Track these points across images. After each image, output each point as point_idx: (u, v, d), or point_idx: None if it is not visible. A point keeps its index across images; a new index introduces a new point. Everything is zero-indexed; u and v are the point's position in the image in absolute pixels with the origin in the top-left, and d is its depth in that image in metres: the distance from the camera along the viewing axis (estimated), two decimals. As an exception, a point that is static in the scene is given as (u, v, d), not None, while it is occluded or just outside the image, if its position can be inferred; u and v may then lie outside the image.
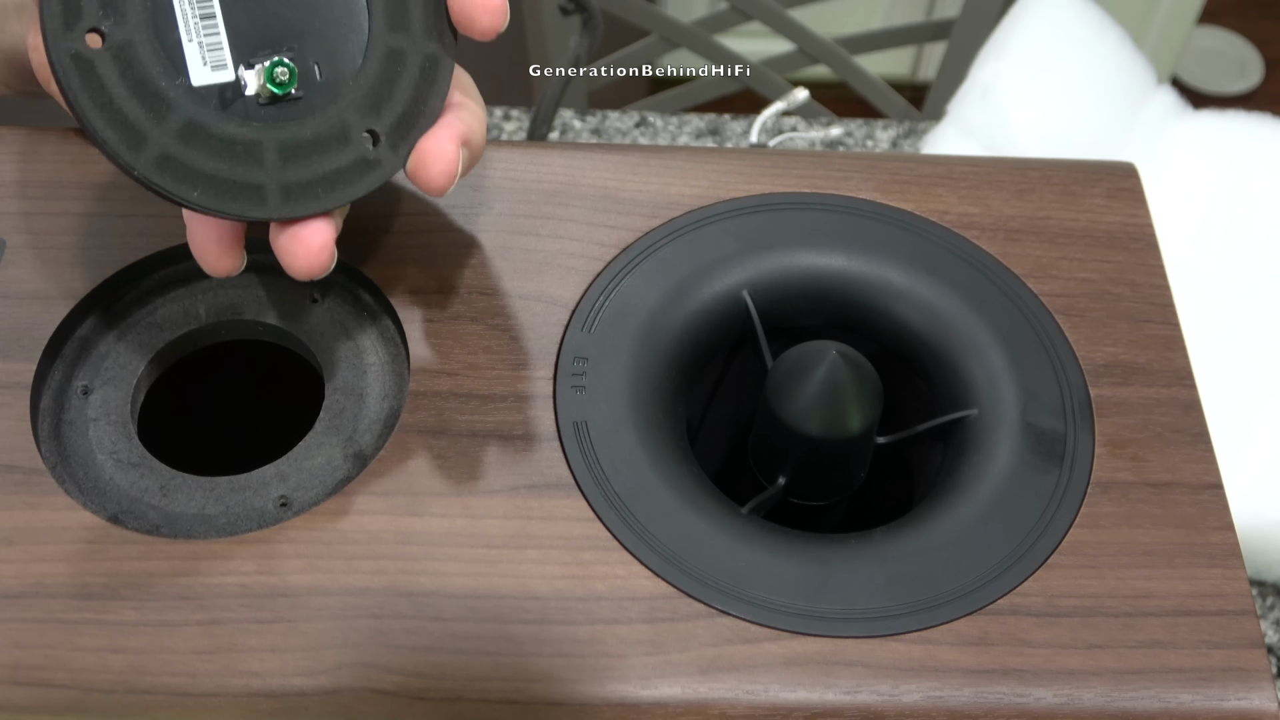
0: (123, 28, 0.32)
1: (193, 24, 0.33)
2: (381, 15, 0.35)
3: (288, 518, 0.35)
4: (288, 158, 0.34)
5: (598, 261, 0.41)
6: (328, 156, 0.34)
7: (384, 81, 0.35)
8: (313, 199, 0.34)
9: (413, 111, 0.35)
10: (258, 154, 0.34)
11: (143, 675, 0.32)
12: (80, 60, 0.32)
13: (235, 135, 0.33)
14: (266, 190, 0.34)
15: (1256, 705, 0.33)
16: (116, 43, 0.32)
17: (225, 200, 0.33)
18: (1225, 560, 0.35)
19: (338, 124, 0.35)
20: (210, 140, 0.33)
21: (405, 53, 0.35)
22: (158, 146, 0.33)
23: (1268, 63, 1.94)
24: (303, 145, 0.34)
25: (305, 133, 0.34)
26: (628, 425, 0.37)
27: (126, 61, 0.32)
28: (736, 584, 0.34)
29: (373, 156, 0.35)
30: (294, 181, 0.34)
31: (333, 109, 0.35)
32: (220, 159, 0.33)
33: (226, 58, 0.33)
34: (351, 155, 0.35)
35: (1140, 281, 0.41)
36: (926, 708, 0.33)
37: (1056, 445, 0.37)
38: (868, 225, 0.42)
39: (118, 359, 0.39)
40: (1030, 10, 0.77)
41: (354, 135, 0.35)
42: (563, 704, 0.32)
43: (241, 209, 0.33)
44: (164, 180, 0.33)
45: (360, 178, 0.35)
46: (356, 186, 0.35)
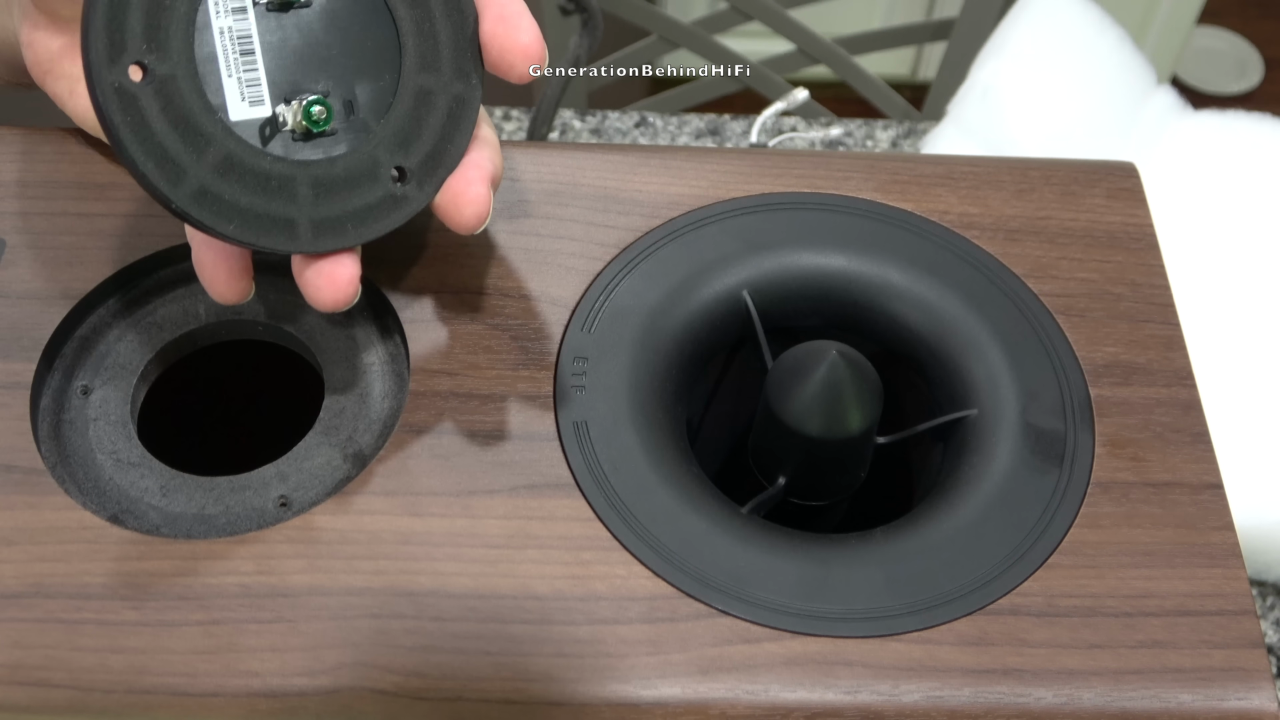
0: (165, 62, 0.33)
1: (233, 60, 0.34)
2: (413, 55, 0.35)
3: (288, 518, 0.35)
4: (320, 193, 0.34)
5: (598, 261, 0.41)
6: (358, 193, 0.35)
7: (413, 120, 0.35)
8: (342, 234, 0.35)
9: (440, 150, 0.36)
10: (291, 189, 0.34)
11: (143, 675, 0.32)
12: (123, 93, 0.32)
13: (270, 170, 0.34)
14: (298, 225, 0.34)
15: (1256, 705, 0.33)
16: (159, 77, 0.33)
17: (259, 234, 0.34)
18: (1225, 560, 0.35)
19: (368, 161, 0.35)
20: (246, 175, 0.34)
21: (434, 92, 0.36)
22: (196, 180, 0.33)
23: (1268, 63, 1.94)
24: (334, 181, 0.35)
25: (337, 169, 0.35)
26: (628, 425, 0.37)
27: (168, 96, 0.33)
28: (736, 584, 0.34)
29: (400, 193, 0.35)
30: (325, 217, 0.35)
31: (364, 146, 0.35)
32: (255, 193, 0.34)
33: (264, 94, 0.34)
34: (380, 192, 0.35)
35: (1140, 281, 0.41)
36: (926, 708, 0.33)
37: (1056, 445, 0.37)
38: (868, 225, 0.42)
39: (118, 359, 0.39)
40: (1030, 10, 0.77)
41: (383, 172, 0.35)
42: (563, 704, 0.32)
43: (274, 243, 0.34)
44: (201, 213, 0.33)
45: (388, 214, 0.35)
46: (384, 222, 0.35)
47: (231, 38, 0.33)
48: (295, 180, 0.34)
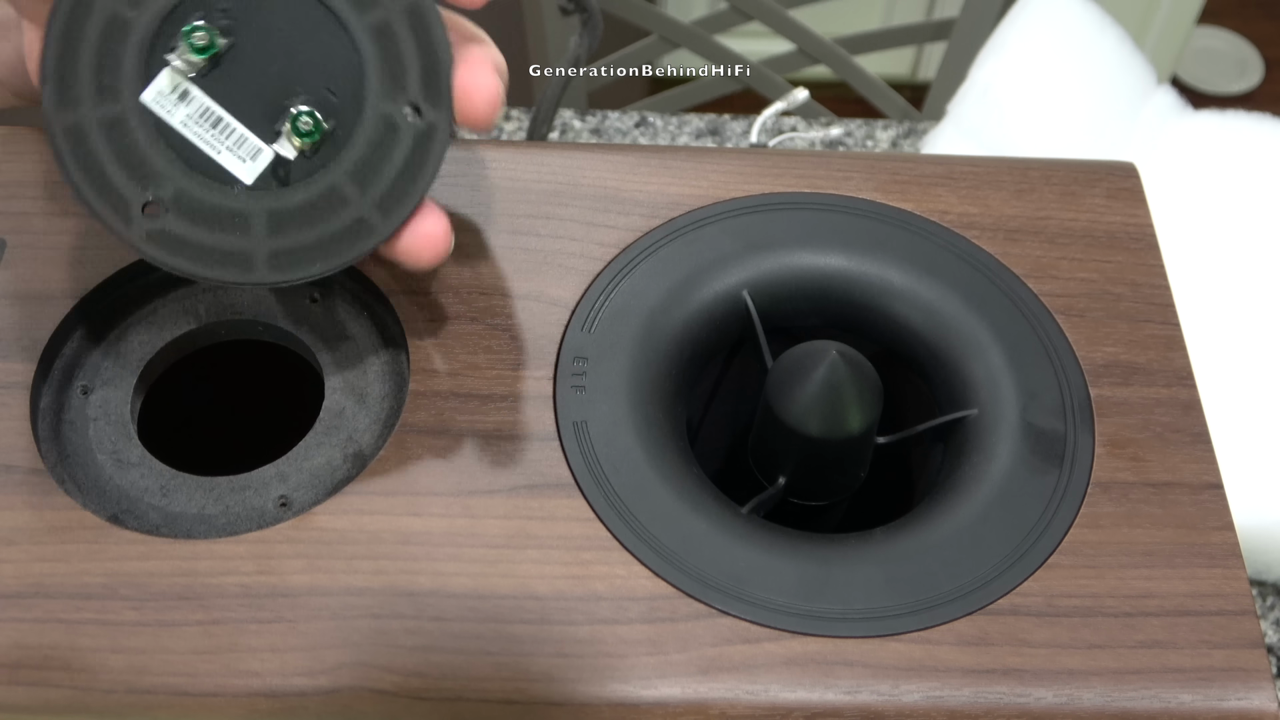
0: (166, 185, 0.34)
1: (211, 139, 0.34)
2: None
3: (288, 518, 0.35)
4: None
5: (598, 261, 0.41)
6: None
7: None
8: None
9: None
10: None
11: (143, 675, 0.32)
12: (155, 234, 0.34)
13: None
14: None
15: (1256, 705, 0.33)
16: (170, 200, 0.34)
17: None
18: (1225, 560, 0.35)
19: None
20: (301, 216, 0.35)
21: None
22: (264, 252, 0.35)
23: (1268, 63, 1.94)
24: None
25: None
26: (628, 425, 0.37)
27: (191, 209, 0.34)
28: (736, 584, 0.34)
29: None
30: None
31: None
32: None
33: (257, 144, 0.34)
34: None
35: (1140, 281, 0.41)
36: (926, 708, 0.33)
37: (1056, 445, 0.37)
38: (868, 225, 0.42)
39: (118, 359, 0.39)
40: (1030, 10, 0.77)
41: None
42: (563, 704, 0.32)
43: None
44: (283, 274, 0.35)
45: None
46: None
47: (197, 122, 0.34)
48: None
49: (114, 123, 0.34)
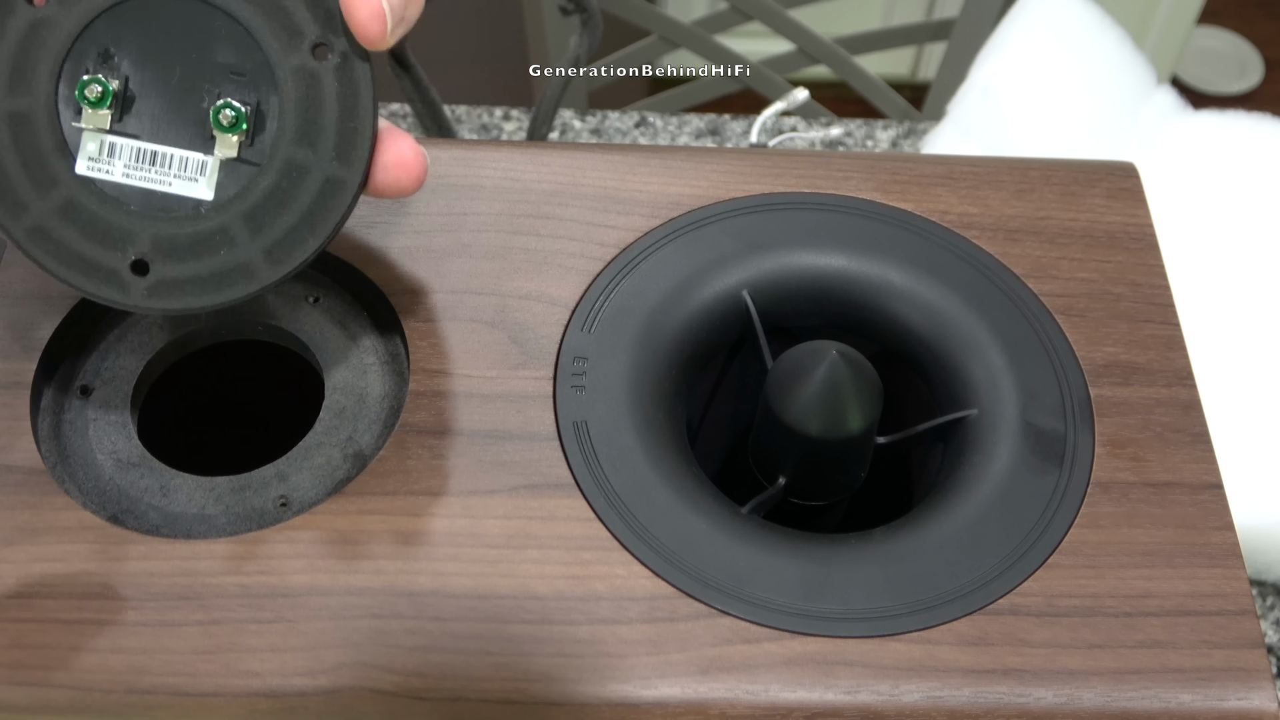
0: (141, 240, 0.34)
1: (156, 176, 0.34)
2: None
3: (288, 518, 0.35)
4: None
5: (598, 261, 0.41)
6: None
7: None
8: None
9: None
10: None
11: (143, 675, 0.32)
12: (155, 289, 0.34)
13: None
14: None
15: (1256, 705, 0.33)
16: (151, 251, 0.34)
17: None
18: (1225, 560, 0.35)
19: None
20: (273, 201, 0.34)
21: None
22: (257, 252, 0.34)
23: (1268, 63, 1.94)
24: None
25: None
26: (628, 425, 0.37)
27: (174, 249, 0.34)
28: (736, 584, 0.34)
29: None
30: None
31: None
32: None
33: (198, 157, 0.34)
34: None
35: (1140, 281, 0.41)
36: (926, 708, 0.33)
37: (1056, 445, 0.37)
38: (868, 225, 0.42)
39: (118, 359, 0.39)
40: (1030, 10, 0.76)
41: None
42: (563, 704, 0.32)
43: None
44: (281, 266, 0.34)
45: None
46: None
47: (136, 166, 0.34)
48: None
49: (66, 206, 0.34)
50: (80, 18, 0.33)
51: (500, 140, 0.68)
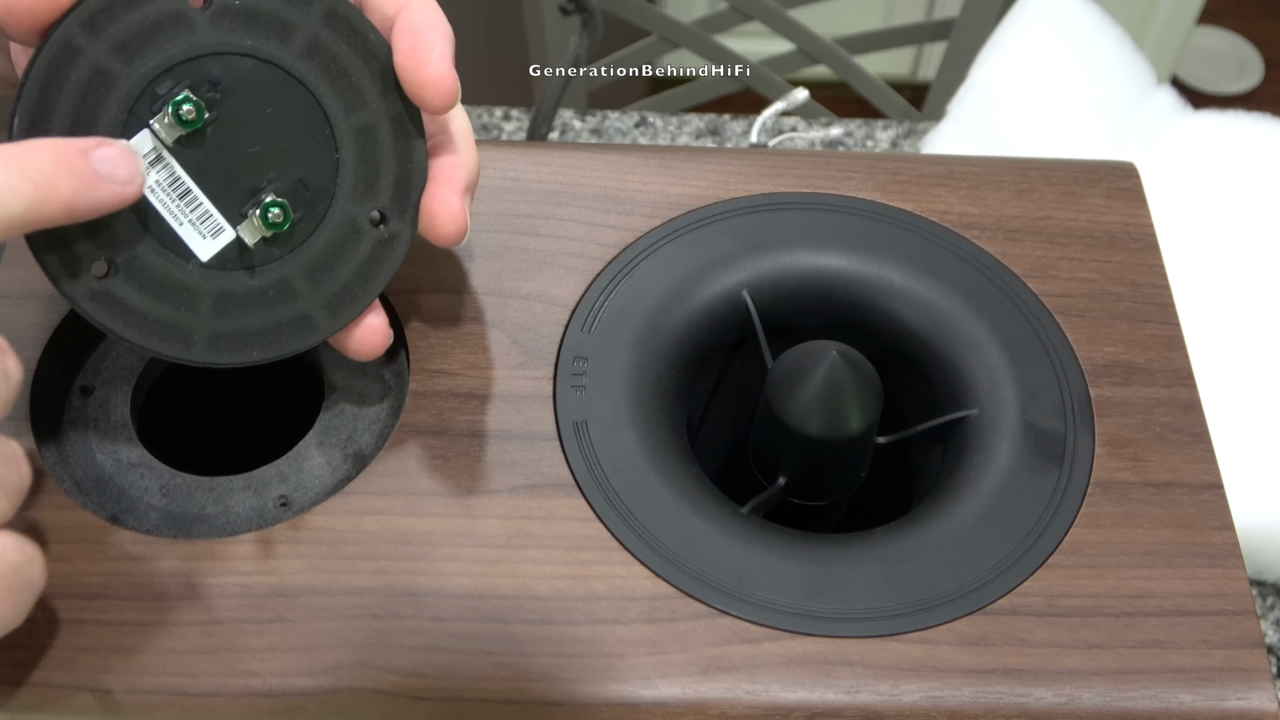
0: (122, 250, 0.33)
1: (175, 209, 0.33)
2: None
3: (288, 518, 0.35)
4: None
5: (598, 261, 0.41)
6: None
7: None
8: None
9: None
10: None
11: (143, 675, 0.32)
12: (99, 295, 0.33)
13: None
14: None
15: (1256, 705, 0.33)
16: (123, 264, 0.33)
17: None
18: (1225, 560, 0.35)
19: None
20: (241, 301, 0.35)
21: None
22: (205, 332, 0.34)
23: (1268, 63, 1.94)
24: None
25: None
26: (628, 425, 0.37)
27: (140, 275, 0.33)
28: (736, 584, 0.34)
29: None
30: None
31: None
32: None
33: (220, 221, 0.34)
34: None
35: (1140, 281, 0.41)
36: (926, 707, 0.33)
37: (1056, 445, 0.37)
38: (868, 225, 0.42)
39: (118, 359, 0.39)
40: (1030, 10, 0.76)
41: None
42: (563, 704, 0.32)
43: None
44: (220, 356, 0.34)
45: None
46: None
47: (165, 190, 0.33)
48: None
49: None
50: (218, 44, 0.33)
51: (500, 140, 0.68)
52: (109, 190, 0.31)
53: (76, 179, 0.31)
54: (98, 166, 0.31)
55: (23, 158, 0.30)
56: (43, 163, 0.30)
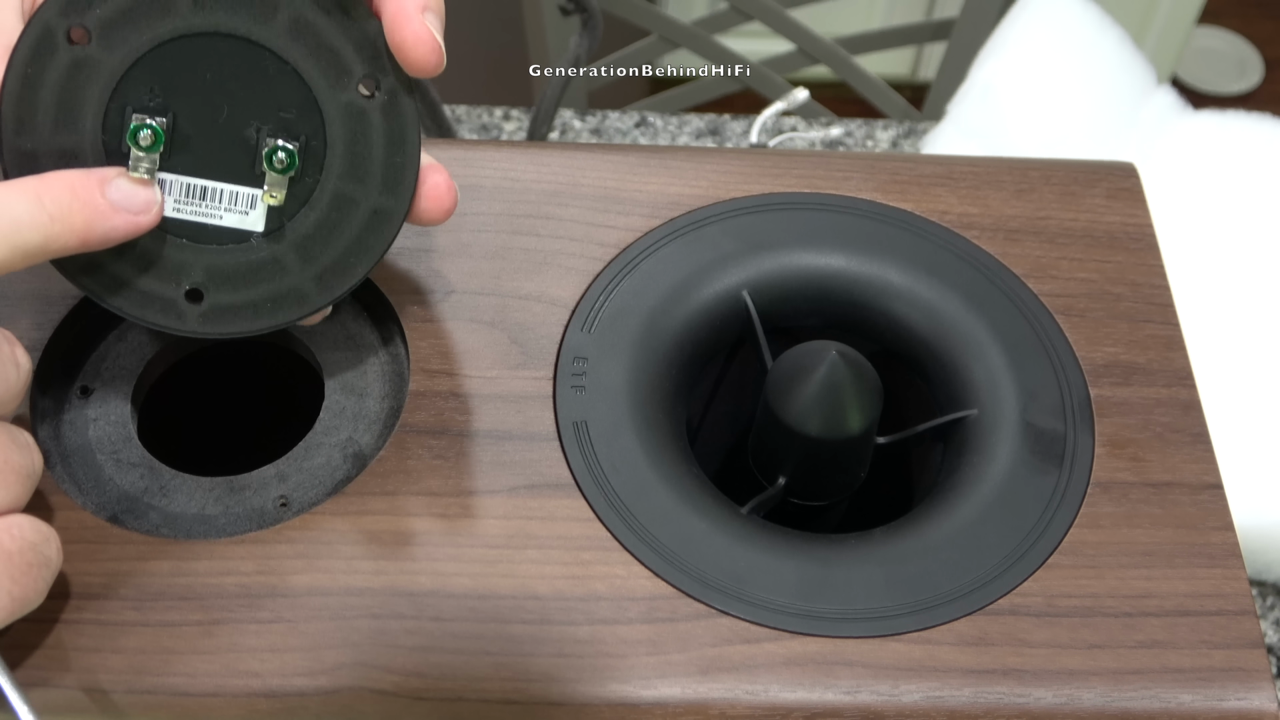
0: (196, 271, 0.35)
1: (207, 210, 0.34)
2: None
3: (288, 518, 0.35)
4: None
5: (598, 261, 0.41)
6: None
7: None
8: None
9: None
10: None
11: (143, 675, 0.32)
12: (208, 315, 0.35)
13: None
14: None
15: (1256, 705, 0.33)
16: (205, 281, 0.35)
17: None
18: (1225, 560, 0.35)
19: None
20: (323, 231, 0.35)
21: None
22: (309, 277, 0.35)
23: (1268, 63, 1.94)
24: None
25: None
26: (628, 425, 0.37)
27: (227, 279, 0.35)
28: (736, 584, 0.34)
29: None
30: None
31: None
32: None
33: (248, 191, 0.34)
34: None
35: (1140, 281, 0.41)
36: (926, 708, 0.33)
37: (1056, 445, 0.37)
38: (868, 225, 0.42)
39: (118, 359, 0.39)
40: (1030, 10, 0.77)
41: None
42: (563, 704, 0.32)
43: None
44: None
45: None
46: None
47: (186, 201, 0.34)
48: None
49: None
50: (125, 58, 0.33)
51: (500, 140, 0.68)
52: (124, 221, 0.33)
53: (91, 210, 0.32)
54: (113, 197, 0.32)
55: (41, 190, 0.31)
56: (59, 194, 0.31)
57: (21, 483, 0.31)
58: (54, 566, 0.31)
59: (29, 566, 0.30)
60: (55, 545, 0.31)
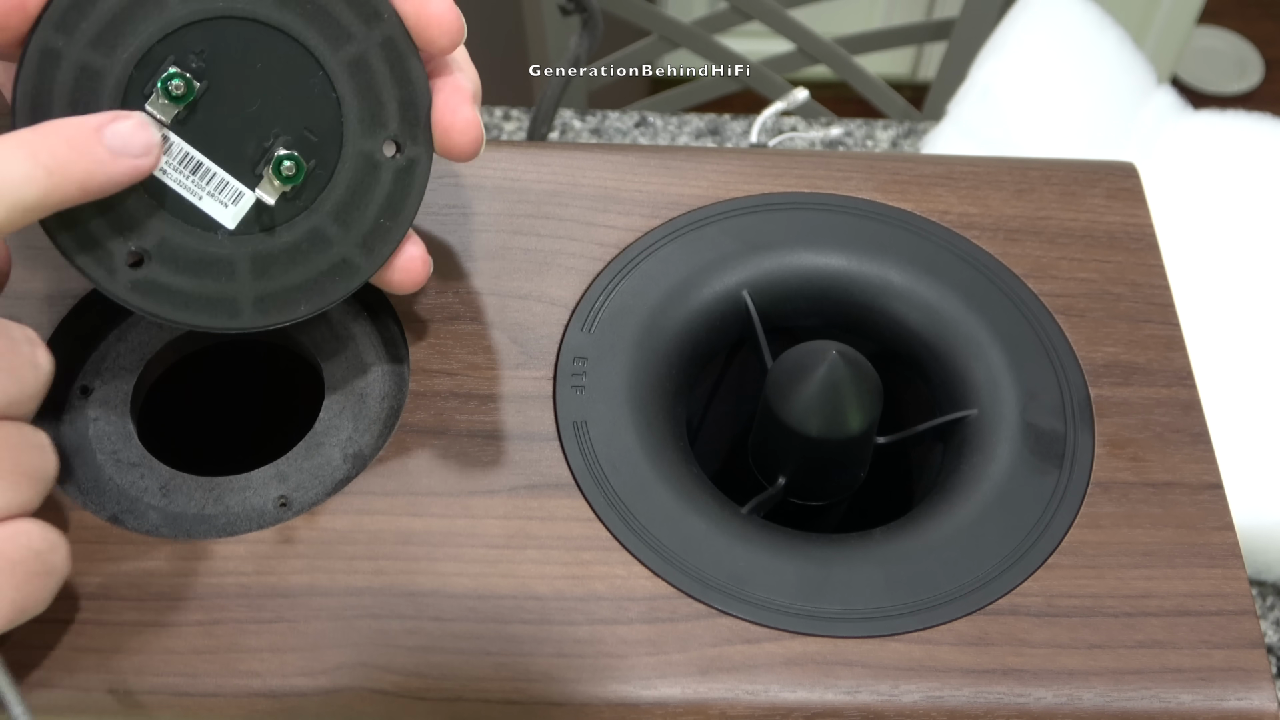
0: (148, 235, 0.33)
1: (191, 184, 0.34)
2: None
3: (288, 518, 0.35)
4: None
5: (598, 261, 0.41)
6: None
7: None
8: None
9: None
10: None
11: (143, 675, 0.32)
12: (139, 284, 0.34)
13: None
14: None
15: (1256, 705, 0.33)
16: (154, 250, 0.34)
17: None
18: (1225, 560, 0.35)
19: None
20: (278, 259, 0.35)
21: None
22: (250, 297, 0.35)
23: (1268, 63, 1.94)
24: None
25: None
26: (628, 425, 0.37)
27: (174, 257, 0.34)
28: (736, 584, 0.34)
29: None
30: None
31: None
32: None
33: (238, 187, 0.34)
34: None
35: (1140, 281, 0.41)
36: (926, 708, 0.33)
37: (1056, 445, 0.37)
38: (868, 225, 0.42)
39: (117, 359, 0.39)
40: (1030, 10, 0.77)
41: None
42: (563, 704, 0.32)
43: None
44: (269, 318, 0.35)
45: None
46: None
47: (177, 168, 0.33)
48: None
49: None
50: (193, 12, 0.33)
51: (500, 140, 0.68)
52: (124, 166, 0.32)
53: (89, 160, 0.31)
54: (110, 142, 0.31)
55: (35, 144, 0.30)
56: (55, 147, 0.30)
57: (33, 486, 0.30)
58: (60, 575, 0.30)
59: (32, 575, 0.29)
60: (63, 553, 0.30)
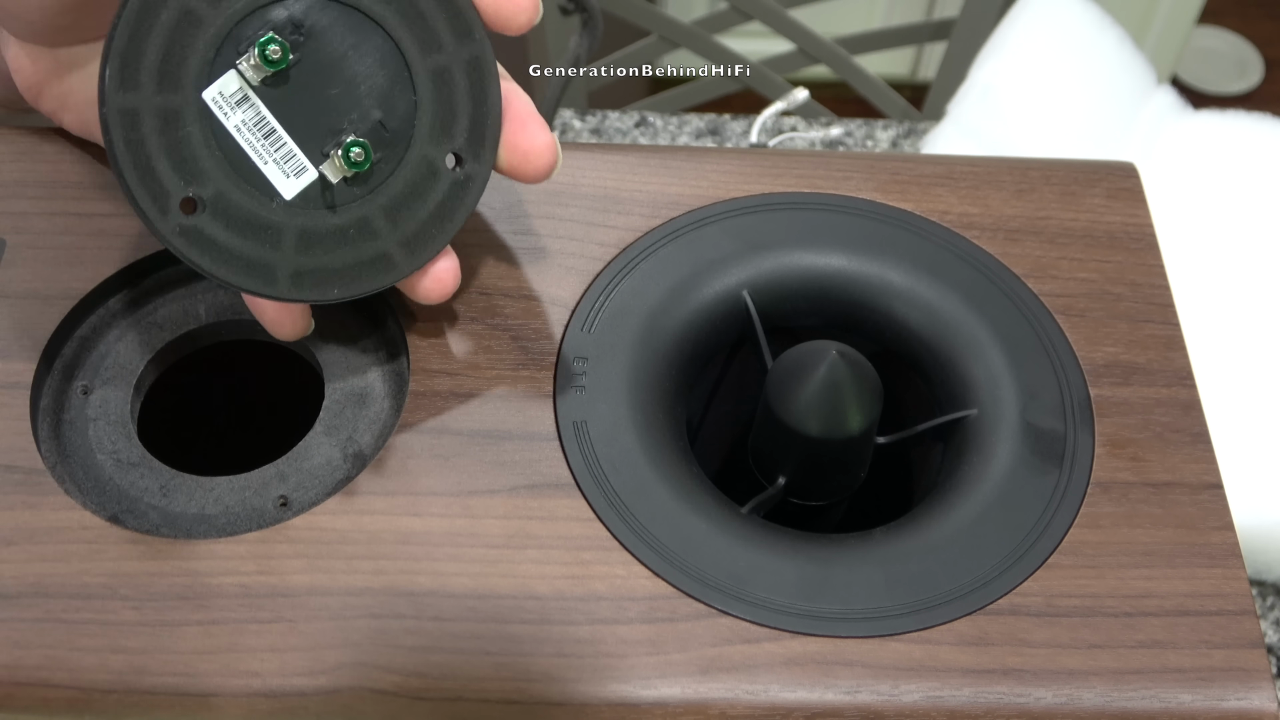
0: (208, 185, 0.34)
1: (260, 148, 0.34)
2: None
3: (288, 518, 0.35)
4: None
5: (598, 261, 0.41)
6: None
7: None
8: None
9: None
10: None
11: (143, 675, 0.32)
12: (187, 230, 0.34)
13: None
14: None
15: (1256, 705, 0.33)
16: (210, 200, 0.34)
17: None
18: (1225, 560, 0.35)
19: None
20: (323, 239, 0.35)
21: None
22: (289, 268, 0.35)
23: (1268, 63, 1.94)
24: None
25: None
26: (628, 425, 0.37)
27: (227, 213, 0.34)
28: (736, 584, 0.34)
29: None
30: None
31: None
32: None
33: (304, 161, 0.34)
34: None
35: (1140, 281, 0.41)
36: (926, 708, 0.33)
37: (1056, 445, 0.37)
38: (868, 225, 0.42)
39: (118, 359, 0.39)
40: (1030, 10, 0.77)
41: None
42: (563, 704, 0.32)
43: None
44: (303, 293, 0.35)
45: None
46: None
47: (251, 129, 0.34)
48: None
49: (170, 114, 0.33)
50: None
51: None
52: None
53: None
54: None
55: None
56: None
57: None
58: None
59: None
60: None
